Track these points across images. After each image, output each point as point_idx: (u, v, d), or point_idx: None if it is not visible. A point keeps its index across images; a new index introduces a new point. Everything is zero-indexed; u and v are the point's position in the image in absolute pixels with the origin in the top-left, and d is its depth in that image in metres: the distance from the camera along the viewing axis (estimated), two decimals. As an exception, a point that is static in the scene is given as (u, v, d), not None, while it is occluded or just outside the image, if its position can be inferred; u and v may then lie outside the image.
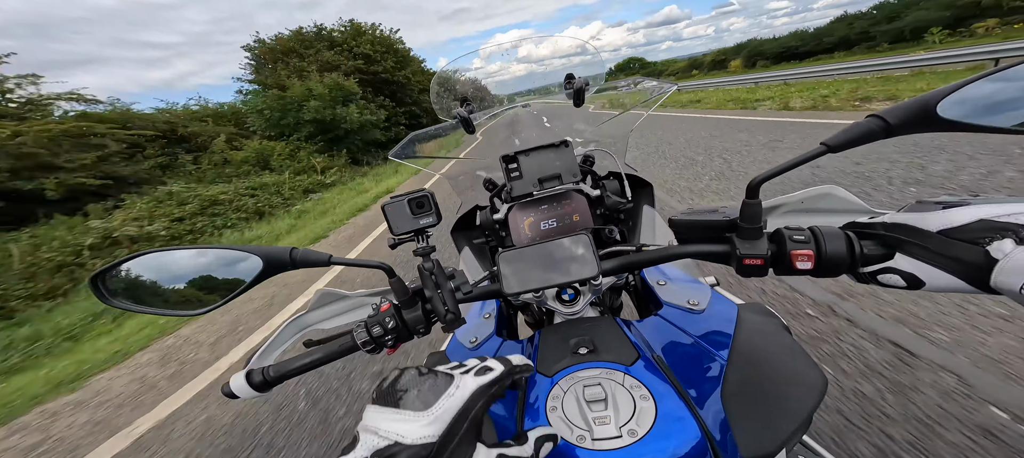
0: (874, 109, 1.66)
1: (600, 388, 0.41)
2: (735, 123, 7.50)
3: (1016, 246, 0.29)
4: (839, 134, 0.36)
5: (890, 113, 0.35)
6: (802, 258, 0.40)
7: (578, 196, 0.75)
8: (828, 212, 0.48)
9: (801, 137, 5.37)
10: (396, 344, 0.53)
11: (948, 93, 0.33)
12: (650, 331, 0.56)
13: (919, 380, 1.29)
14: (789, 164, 0.38)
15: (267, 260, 0.43)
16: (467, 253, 0.87)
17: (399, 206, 0.49)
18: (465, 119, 0.80)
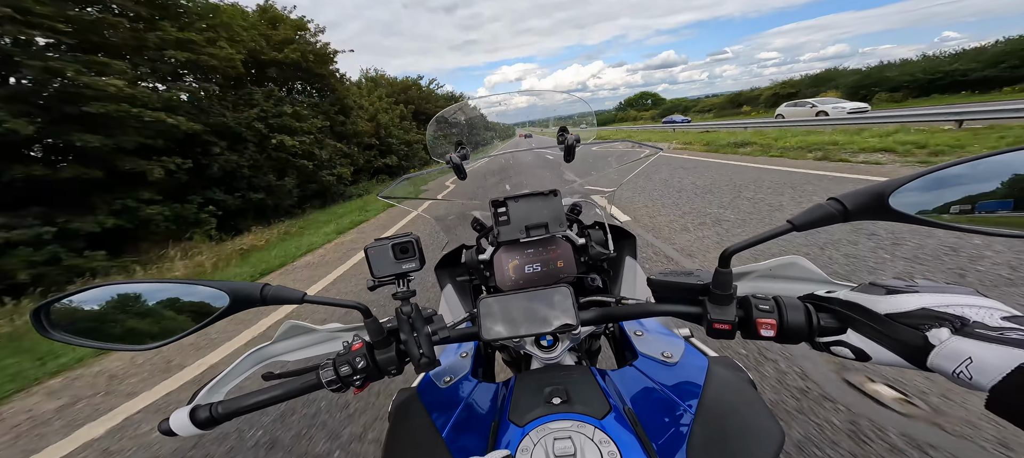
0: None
1: (570, 442, 0.41)
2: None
3: (951, 335, 0.32)
4: (803, 214, 0.40)
5: (848, 198, 0.38)
6: (766, 326, 0.43)
7: (564, 243, 0.77)
8: (792, 280, 0.51)
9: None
10: (364, 384, 0.51)
11: (902, 184, 0.36)
12: (624, 382, 0.57)
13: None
14: (758, 238, 0.41)
15: (234, 296, 0.41)
16: (449, 290, 0.86)
17: (382, 250, 0.48)
18: (457, 166, 0.81)
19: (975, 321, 0.32)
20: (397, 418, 0.60)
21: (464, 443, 0.50)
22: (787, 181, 5.31)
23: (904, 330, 0.35)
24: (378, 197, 0.86)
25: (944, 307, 0.34)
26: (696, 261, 3.05)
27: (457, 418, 0.55)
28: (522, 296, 0.53)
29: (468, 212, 0.90)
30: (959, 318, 0.33)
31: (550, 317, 0.51)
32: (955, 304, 0.34)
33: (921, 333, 0.34)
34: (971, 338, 0.31)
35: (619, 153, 1.00)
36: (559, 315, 0.51)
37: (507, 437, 0.44)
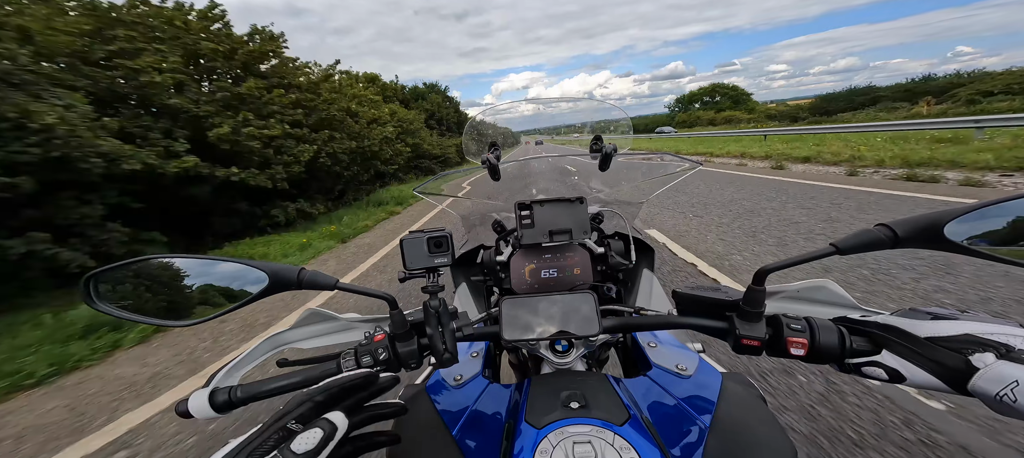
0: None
1: (590, 447, 0.41)
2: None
3: (996, 360, 0.32)
4: (849, 237, 0.39)
5: (899, 225, 0.38)
6: (796, 345, 0.42)
7: (582, 250, 0.77)
8: (821, 303, 0.51)
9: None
10: None
11: (956, 215, 0.35)
12: (639, 391, 0.56)
13: None
14: (798, 259, 0.41)
15: (273, 277, 0.41)
16: (464, 289, 0.86)
17: (417, 242, 0.49)
18: (492, 166, 0.82)
19: (1021, 348, 0.32)
20: (405, 414, 0.60)
21: (475, 442, 0.50)
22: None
23: (945, 353, 0.34)
24: (414, 192, 0.87)
25: (989, 334, 0.34)
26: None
27: (468, 417, 0.55)
28: (545, 299, 0.53)
29: (490, 214, 0.91)
30: (1004, 345, 0.33)
31: (572, 322, 0.52)
32: (1001, 333, 0.34)
33: (963, 356, 0.33)
34: (1019, 362, 0.31)
35: (652, 165, 1.00)
36: (581, 321, 0.51)
37: (523, 440, 0.44)
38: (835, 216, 4.26)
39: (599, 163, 0.83)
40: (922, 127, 10.12)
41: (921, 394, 1.53)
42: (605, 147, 0.81)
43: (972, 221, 0.35)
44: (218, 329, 3.04)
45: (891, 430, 1.42)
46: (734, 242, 3.88)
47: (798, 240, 3.69)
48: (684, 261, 3.43)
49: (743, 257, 3.41)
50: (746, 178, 7.63)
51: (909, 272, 2.66)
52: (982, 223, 0.35)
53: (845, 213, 4.33)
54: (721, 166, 10.22)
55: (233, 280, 0.42)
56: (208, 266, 0.43)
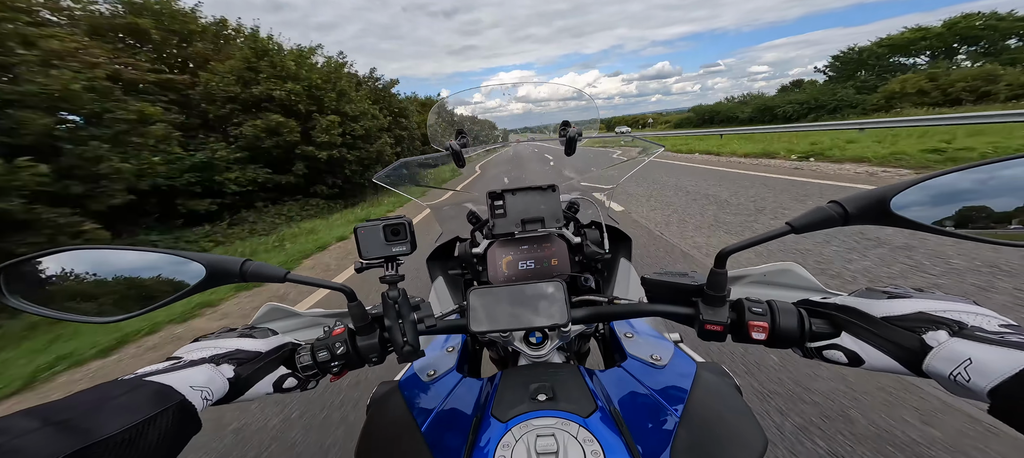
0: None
1: (553, 440, 0.40)
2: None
3: (949, 337, 0.31)
4: (802, 216, 0.39)
5: (849, 201, 0.38)
6: (758, 329, 0.42)
7: (559, 241, 0.76)
8: (786, 287, 0.51)
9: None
10: (342, 371, 0.49)
11: (904, 188, 0.35)
12: (611, 382, 0.56)
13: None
14: (756, 239, 0.40)
15: (211, 269, 0.39)
16: (440, 283, 0.84)
17: (372, 230, 0.47)
18: (457, 152, 0.79)
19: (974, 325, 0.32)
20: (376, 411, 0.58)
21: (444, 439, 0.49)
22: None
23: (900, 333, 0.34)
24: (373, 179, 0.84)
25: (942, 312, 0.33)
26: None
27: (438, 413, 0.54)
28: (514, 289, 0.52)
29: (464, 204, 0.88)
30: (957, 322, 0.32)
31: (541, 313, 0.50)
32: (953, 309, 0.34)
33: (918, 335, 0.33)
34: (971, 340, 0.30)
35: (619, 149, 0.99)
36: (550, 311, 0.50)
37: (488, 433, 0.43)
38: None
39: (565, 148, 0.82)
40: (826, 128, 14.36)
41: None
42: (569, 131, 0.80)
43: (917, 195, 0.35)
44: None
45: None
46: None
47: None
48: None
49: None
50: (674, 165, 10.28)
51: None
52: (926, 198, 0.35)
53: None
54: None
55: (168, 273, 0.39)
56: (139, 258, 0.39)
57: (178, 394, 0.32)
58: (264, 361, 0.43)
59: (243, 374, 0.40)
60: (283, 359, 0.47)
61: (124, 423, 0.27)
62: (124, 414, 0.28)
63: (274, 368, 0.45)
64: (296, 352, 0.47)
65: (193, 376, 0.35)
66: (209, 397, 0.35)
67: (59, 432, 0.24)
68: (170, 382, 0.33)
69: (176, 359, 0.38)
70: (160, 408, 0.30)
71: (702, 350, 1.98)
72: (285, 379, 0.46)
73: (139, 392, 0.30)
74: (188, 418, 0.32)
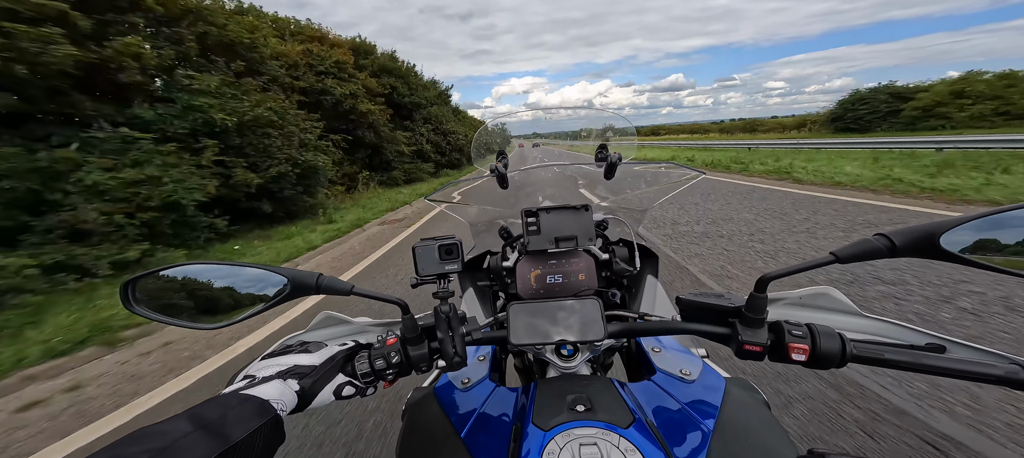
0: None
1: (596, 448, 0.41)
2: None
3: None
4: (848, 247, 0.40)
5: (896, 234, 0.38)
6: (798, 351, 0.43)
7: (587, 257, 0.78)
8: (823, 310, 0.52)
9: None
10: (395, 379, 0.52)
11: (952, 226, 0.35)
12: (643, 395, 0.57)
13: None
14: (799, 268, 0.42)
15: (293, 282, 0.44)
16: (470, 294, 0.88)
17: (429, 250, 0.51)
18: (501, 175, 0.84)
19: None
20: (413, 416, 0.61)
21: (484, 444, 0.51)
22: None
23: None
24: (426, 199, 0.90)
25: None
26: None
27: (476, 419, 0.56)
28: (552, 304, 0.55)
29: (497, 220, 0.93)
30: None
31: (577, 327, 0.53)
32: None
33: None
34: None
35: (657, 174, 1.01)
36: (587, 326, 0.52)
37: (531, 441, 0.45)
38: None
39: (604, 172, 0.84)
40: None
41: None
42: (610, 156, 0.82)
43: (968, 232, 0.35)
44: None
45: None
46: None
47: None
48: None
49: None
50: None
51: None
52: (976, 234, 0.35)
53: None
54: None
55: (255, 285, 0.44)
56: (233, 272, 0.45)
57: (273, 408, 0.37)
58: (321, 373, 0.46)
59: (306, 386, 0.43)
60: (338, 367, 0.49)
61: (243, 432, 0.32)
62: (243, 423, 0.32)
63: (332, 377, 0.48)
64: (355, 359, 0.51)
65: (271, 391, 0.39)
66: (284, 410, 0.39)
67: (207, 436, 0.30)
68: (262, 396, 0.37)
69: (251, 377, 0.42)
70: (264, 419, 0.35)
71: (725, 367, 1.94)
72: (344, 387, 0.49)
73: (247, 405, 0.35)
74: (279, 429, 0.37)
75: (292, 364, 0.45)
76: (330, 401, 0.48)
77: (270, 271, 0.44)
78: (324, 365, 0.47)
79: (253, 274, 0.45)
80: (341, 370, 0.50)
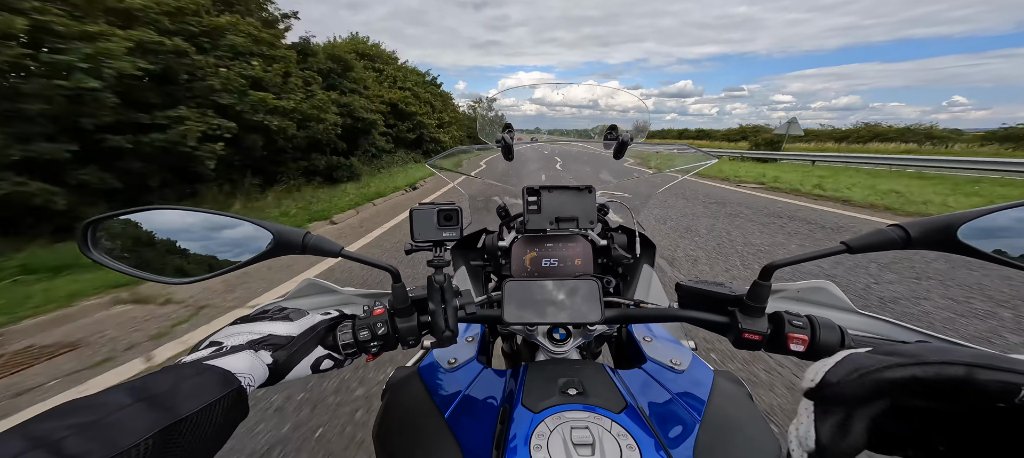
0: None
1: (588, 432, 0.41)
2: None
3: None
4: (861, 237, 0.39)
5: (913, 226, 0.37)
6: (796, 341, 0.43)
7: (585, 241, 0.77)
8: (820, 305, 0.52)
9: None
10: (379, 352, 0.50)
11: (971, 218, 0.34)
12: (634, 382, 0.57)
13: None
14: (807, 256, 0.41)
15: (278, 238, 0.40)
16: (462, 273, 0.86)
17: (427, 214, 0.48)
18: (507, 145, 0.81)
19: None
20: (395, 396, 0.59)
21: (469, 425, 0.50)
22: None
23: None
24: (426, 164, 0.86)
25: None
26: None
27: (461, 401, 0.55)
28: (548, 284, 0.53)
29: (494, 197, 0.90)
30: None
31: (574, 309, 0.51)
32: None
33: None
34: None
35: (665, 156, 1.00)
36: (584, 309, 0.51)
37: (520, 423, 0.44)
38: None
39: (614, 151, 0.82)
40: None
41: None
42: (621, 135, 0.80)
43: (986, 225, 0.34)
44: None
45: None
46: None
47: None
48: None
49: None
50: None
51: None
52: (996, 226, 0.34)
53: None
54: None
55: (236, 238, 0.40)
56: (212, 222, 0.41)
57: (236, 379, 0.33)
58: (299, 345, 0.43)
59: (280, 359, 0.41)
60: (319, 339, 0.46)
61: (197, 404, 0.29)
62: (197, 396, 0.29)
63: (311, 349, 0.45)
64: (336, 329, 0.48)
65: (238, 362, 0.36)
66: (252, 383, 0.36)
67: (149, 409, 0.26)
68: (226, 367, 0.34)
69: (218, 344, 0.38)
70: (223, 392, 0.31)
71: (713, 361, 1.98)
72: (323, 360, 0.46)
73: (206, 376, 0.32)
74: (241, 403, 0.34)
75: (267, 333, 0.41)
76: (306, 374, 0.45)
77: (254, 224, 0.40)
78: (302, 336, 0.44)
79: (234, 225, 0.41)
80: (321, 342, 0.47)
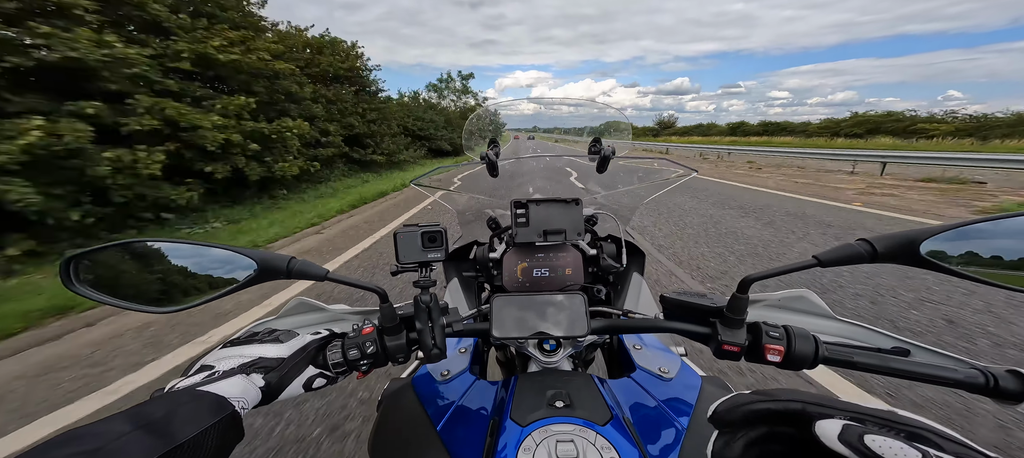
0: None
1: (573, 445, 0.41)
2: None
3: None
4: (830, 251, 0.40)
5: (879, 241, 0.38)
6: (773, 352, 0.44)
7: (574, 251, 0.77)
8: (800, 313, 0.53)
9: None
10: (369, 369, 0.50)
11: (933, 234, 0.35)
12: (622, 392, 0.58)
13: None
14: (781, 269, 0.42)
15: (262, 265, 0.41)
16: (455, 285, 0.86)
17: (411, 237, 0.49)
18: (491, 162, 0.81)
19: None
20: (389, 408, 0.59)
21: (460, 437, 0.50)
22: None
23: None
24: (411, 184, 0.87)
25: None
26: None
27: (453, 412, 0.55)
28: (536, 299, 0.54)
29: (485, 210, 0.90)
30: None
31: (561, 322, 0.52)
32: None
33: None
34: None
35: (649, 171, 1.01)
36: (571, 321, 0.52)
37: (507, 436, 0.44)
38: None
39: (597, 165, 0.83)
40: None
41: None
42: (603, 149, 0.81)
43: (947, 241, 0.35)
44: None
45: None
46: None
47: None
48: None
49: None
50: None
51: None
52: (956, 243, 0.35)
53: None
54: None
55: (221, 267, 0.41)
56: (195, 252, 0.42)
57: (230, 404, 0.34)
58: (289, 366, 0.44)
59: (272, 381, 0.41)
60: (309, 359, 0.47)
61: (193, 430, 0.30)
62: (192, 421, 0.30)
63: (302, 369, 0.45)
64: (326, 348, 0.49)
65: (231, 387, 0.36)
66: (245, 406, 0.37)
67: (148, 435, 0.27)
68: (220, 392, 0.34)
69: (210, 368, 0.39)
70: (218, 417, 0.32)
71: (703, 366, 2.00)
72: (315, 379, 0.46)
73: (201, 402, 0.32)
74: (236, 427, 0.35)
75: (257, 356, 0.42)
76: (299, 393, 0.45)
77: (236, 252, 0.41)
78: (293, 357, 0.45)
79: (217, 255, 0.41)
80: (312, 361, 0.47)
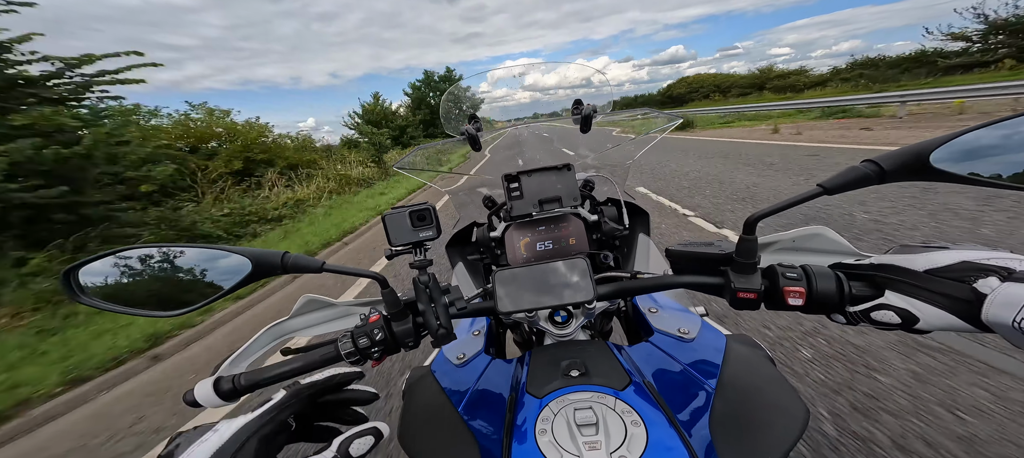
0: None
1: (591, 412, 0.40)
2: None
3: (1002, 282, 0.29)
4: (835, 177, 0.37)
5: (884, 159, 0.36)
6: (793, 294, 0.41)
7: (576, 220, 0.76)
8: (817, 252, 0.50)
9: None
10: (382, 357, 0.51)
11: (942, 143, 0.34)
12: (641, 357, 0.56)
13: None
14: (786, 203, 0.39)
15: (256, 263, 0.41)
16: (461, 268, 0.86)
17: (399, 217, 0.48)
18: (473, 136, 0.79)
19: (1022, 270, 0.30)
20: (412, 395, 0.60)
21: (481, 417, 0.50)
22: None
23: (949, 284, 0.33)
24: (393, 167, 0.86)
25: (987, 259, 0.32)
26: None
27: (472, 394, 0.55)
28: (537, 269, 0.52)
29: (478, 189, 0.89)
30: (1005, 268, 0.31)
31: (566, 290, 0.51)
32: (997, 257, 0.32)
33: (967, 284, 0.31)
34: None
35: (635, 124, 0.98)
36: (575, 288, 0.50)
37: (525, 410, 0.44)
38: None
39: (580, 125, 0.80)
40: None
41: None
42: (585, 109, 0.78)
43: (956, 149, 0.34)
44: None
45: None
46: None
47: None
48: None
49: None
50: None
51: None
52: (967, 148, 0.34)
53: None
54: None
55: (216, 268, 0.41)
56: (190, 254, 0.42)
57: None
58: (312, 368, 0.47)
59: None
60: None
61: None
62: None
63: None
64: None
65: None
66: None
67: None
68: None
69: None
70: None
71: (728, 324, 1.95)
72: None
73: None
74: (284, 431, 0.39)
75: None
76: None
77: (230, 252, 0.41)
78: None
79: (211, 255, 0.41)
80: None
